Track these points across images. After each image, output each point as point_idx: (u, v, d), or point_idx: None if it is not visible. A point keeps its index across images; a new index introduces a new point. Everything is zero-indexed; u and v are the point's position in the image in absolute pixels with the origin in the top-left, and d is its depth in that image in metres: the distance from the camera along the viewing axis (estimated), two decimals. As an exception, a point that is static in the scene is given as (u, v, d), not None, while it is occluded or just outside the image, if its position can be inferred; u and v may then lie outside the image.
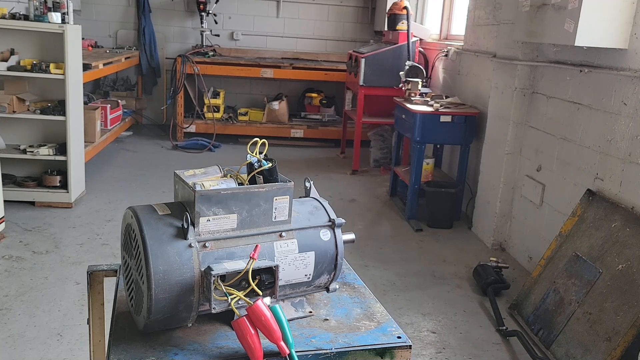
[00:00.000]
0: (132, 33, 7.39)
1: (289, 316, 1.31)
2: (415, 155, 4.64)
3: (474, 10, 5.01)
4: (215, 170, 1.39)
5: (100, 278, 1.67)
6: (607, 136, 3.11)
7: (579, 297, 2.84)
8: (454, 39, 5.94)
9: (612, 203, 2.99)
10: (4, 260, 3.53)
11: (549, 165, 3.69)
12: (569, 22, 3.00)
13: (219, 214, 1.22)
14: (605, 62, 3.17)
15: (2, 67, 4.20)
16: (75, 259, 3.60)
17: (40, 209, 4.38)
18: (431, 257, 4.05)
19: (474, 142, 4.69)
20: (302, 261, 1.31)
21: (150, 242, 1.15)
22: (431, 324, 3.15)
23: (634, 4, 2.95)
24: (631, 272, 2.64)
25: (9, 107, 4.25)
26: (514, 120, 4.01)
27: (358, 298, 1.49)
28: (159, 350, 1.19)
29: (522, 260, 3.96)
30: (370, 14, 7.72)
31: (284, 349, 1.14)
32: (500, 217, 4.18)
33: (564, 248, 3.14)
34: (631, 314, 2.52)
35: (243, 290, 1.18)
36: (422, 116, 4.53)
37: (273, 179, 1.32)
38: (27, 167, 4.53)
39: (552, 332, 2.89)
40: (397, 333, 1.32)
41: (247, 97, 7.73)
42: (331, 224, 1.37)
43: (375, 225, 4.69)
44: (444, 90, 5.62)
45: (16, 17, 4.20)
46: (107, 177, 5.37)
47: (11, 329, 2.81)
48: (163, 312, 1.17)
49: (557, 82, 3.63)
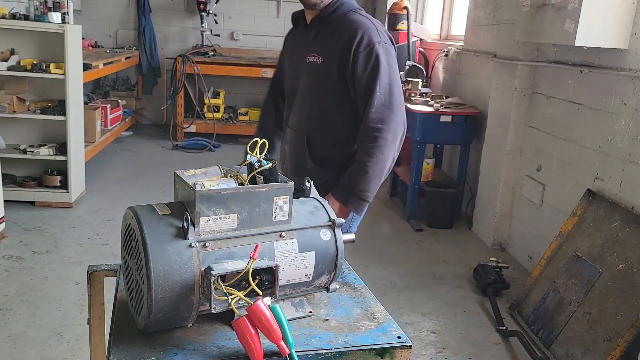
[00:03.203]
0: (132, 33, 7.38)
1: (289, 316, 1.31)
2: (415, 155, 4.64)
3: (474, 10, 5.01)
4: (216, 170, 1.39)
5: (100, 278, 1.67)
6: (607, 136, 3.11)
7: (579, 297, 2.84)
8: (454, 39, 5.94)
9: (612, 203, 2.99)
10: (4, 260, 3.53)
11: (549, 165, 3.69)
12: (569, 22, 3.00)
13: (219, 214, 1.22)
14: (605, 62, 3.17)
15: (2, 67, 4.20)
16: (75, 259, 3.60)
17: (40, 209, 4.38)
18: (431, 257, 4.05)
19: (474, 142, 4.69)
20: (302, 261, 1.31)
21: (151, 242, 1.15)
22: (431, 324, 3.15)
23: (633, 4, 2.95)
24: (631, 272, 2.64)
25: (9, 107, 4.25)
26: (514, 120, 4.01)
27: (358, 298, 1.49)
28: (159, 350, 1.19)
29: (522, 260, 3.96)
30: (370, 14, 7.72)
31: (284, 349, 1.14)
32: (500, 217, 4.18)
33: (564, 248, 3.14)
34: (631, 314, 2.52)
35: (243, 290, 1.18)
36: (422, 116, 4.53)
37: (273, 179, 1.32)
38: (27, 167, 4.53)
39: (552, 332, 2.88)
40: (397, 333, 1.32)
41: (247, 97, 7.72)
42: (331, 224, 1.37)
43: (375, 225, 4.69)
44: (444, 90, 5.62)
45: (16, 17, 4.20)
46: (107, 177, 5.37)
47: (11, 329, 2.81)
48: (163, 312, 1.17)
49: (557, 82, 3.63)
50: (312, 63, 1.94)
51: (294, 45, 2.10)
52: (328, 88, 1.95)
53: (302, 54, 1.99)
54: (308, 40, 1.98)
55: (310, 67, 1.95)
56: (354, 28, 1.90)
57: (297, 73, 2.02)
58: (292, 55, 2.09)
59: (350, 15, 1.94)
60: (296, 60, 2.03)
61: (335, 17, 1.93)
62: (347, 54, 1.88)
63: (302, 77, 2.00)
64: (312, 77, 1.97)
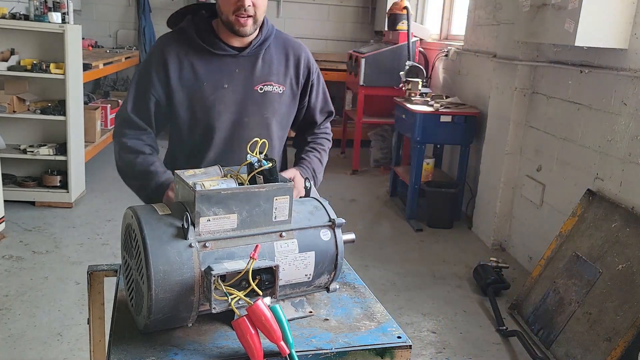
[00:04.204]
0: (132, 33, 7.38)
1: (289, 316, 1.31)
2: (415, 155, 4.64)
3: (474, 10, 5.01)
4: (216, 170, 1.39)
5: (100, 278, 1.67)
6: (607, 136, 3.11)
7: (579, 297, 2.84)
8: (454, 39, 5.94)
9: (612, 203, 2.99)
10: (4, 260, 3.53)
11: (549, 165, 3.69)
12: (569, 22, 3.00)
13: (219, 214, 1.22)
14: (605, 62, 3.17)
15: (2, 67, 4.20)
16: (75, 259, 3.60)
17: (40, 209, 4.38)
18: (431, 257, 4.05)
19: (474, 142, 4.69)
20: (302, 261, 1.31)
21: (151, 242, 1.15)
22: (431, 324, 3.15)
23: (634, 4, 2.95)
24: (631, 272, 2.64)
25: (9, 107, 4.25)
26: (514, 120, 4.01)
27: (358, 298, 1.49)
28: (159, 350, 1.19)
29: (522, 260, 3.96)
30: (370, 14, 7.72)
31: (284, 349, 1.14)
32: (500, 217, 4.18)
33: (564, 248, 3.14)
34: (631, 314, 2.52)
35: (243, 290, 1.18)
36: (422, 116, 4.53)
37: (273, 179, 1.32)
38: (27, 167, 4.53)
39: (552, 332, 2.89)
40: (397, 333, 1.32)
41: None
42: (331, 224, 1.38)
43: (375, 225, 4.69)
44: (444, 90, 5.62)
45: (16, 17, 4.20)
46: (107, 177, 5.37)
47: (11, 329, 2.81)
48: (163, 312, 1.17)
49: (557, 82, 3.63)
50: (270, 93, 1.82)
51: (217, 73, 1.78)
52: (290, 117, 1.93)
53: (243, 84, 1.79)
54: (247, 67, 1.79)
55: (266, 97, 1.81)
56: (297, 50, 1.90)
57: (240, 106, 1.79)
58: (219, 85, 1.78)
59: (279, 35, 1.89)
60: (232, 90, 1.78)
61: (271, 39, 1.84)
62: (307, 79, 1.92)
63: (252, 109, 1.81)
64: (271, 108, 1.83)
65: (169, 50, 1.79)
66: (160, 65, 1.78)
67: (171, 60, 1.78)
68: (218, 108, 1.78)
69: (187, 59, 1.78)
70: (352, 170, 6.08)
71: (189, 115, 1.81)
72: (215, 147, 1.83)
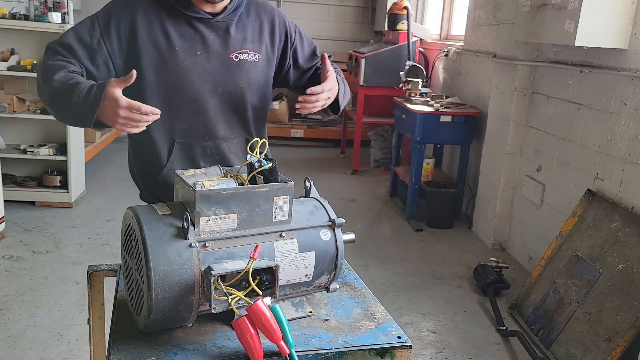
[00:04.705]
0: (132, 33, 7.38)
1: (289, 316, 1.31)
2: (415, 155, 4.64)
3: (474, 10, 5.01)
4: (216, 170, 1.39)
5: (100, 278, 1.67)
6: (607, 136, 3.11)
7: (579, 297, 2.84)
8: (454, 39, 5.94)
9: (612, 203, 2.99)
10: (4, 260, 3.53)
11: (549, 165, 3.69)
12: (569, 22, 3.00)
13: (219, 214, 1.22)
14: (605, 62, 3.17)
15: (2, 67, 4.20)
16: (75, 259, 3.60)
17: (40, 209, 4.39)
18: (431, 257, 4.05)
19: (474, 142, 4.69)
20: (302, 261, 1.31)
21: (151, 242, 1.15)
22: (431, 324, 3.15)
23: (634, 4, 2.95)
24: (631, 272, 2.64)
25: (9, 107, 4.25)
26: (514, 120, 4.01)
27: (358, 298, 1.49)
28: (159, 350, 1.19)
29: (522, 260, 3.96)
30: (370, 14, 7.72)
31: (284, 349, 1.14)
32: (500, 217, 4.18)
33: (564, 248, 3.14)
34: (631, 314, 2.52)
35: (243, 290, 1.18)
36: (422, 116, 4.53)
37: (273, 179, 1.32)
38: (27, 167, 4.53)
39: (552, 332, 2.89)
40: (397, 333, 1.32)
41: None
42: (331, 224, 1.37)
43: (375, 225, 4.69)
44: (444, 90, 5.62)
45: (16, 17, 4.20)
46: (107, 177, 5.37)
47: (11, 329, 2.81)
48: (163, 312, 1.17)
49: (557, 82, 3.63)
50: (246, 61, 1.72)
51: (189, 38, 1.64)
52: (267, 86, 1.84)
53: (217, 51, 1.67)
54: (220, 34, 1.68)
55: (242, 66, 1.72)
56: (270, 14, 1.83)
57: (213, 75, 1.68)
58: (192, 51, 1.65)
59: (252, 0, 1.80)
60: (206, 57, 1.66)
61: (243, 5, 1.74)
62: (285, 41, 1.87)
63: (227, 78, 1.71)
64: (246, 77, 1.74)
65: (137, 6, 1.62)
66: (126, 18, 1.60)
67: (140, 17, 1.60)
68: (190, 76, 1.64)
69: (158, 19, 1.62)
70: (352, 170, 6.09)
71: (156, 82, 1.64)
72: (185, 118, 1.68)
